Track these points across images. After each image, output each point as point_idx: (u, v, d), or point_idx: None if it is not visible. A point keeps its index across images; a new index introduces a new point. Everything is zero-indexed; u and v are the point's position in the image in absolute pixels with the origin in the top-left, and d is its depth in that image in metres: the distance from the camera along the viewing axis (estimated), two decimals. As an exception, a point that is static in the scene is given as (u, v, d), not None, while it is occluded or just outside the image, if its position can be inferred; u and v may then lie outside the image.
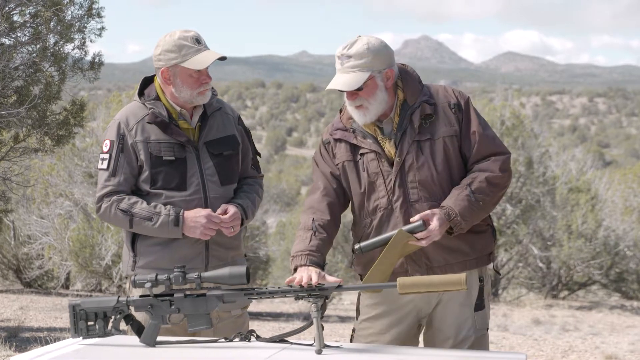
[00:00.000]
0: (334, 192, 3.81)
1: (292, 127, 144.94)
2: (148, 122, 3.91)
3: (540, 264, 19.41)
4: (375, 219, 3.75)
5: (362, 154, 3.75)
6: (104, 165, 3.92)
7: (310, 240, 3.66)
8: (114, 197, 3.88)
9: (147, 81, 4.04)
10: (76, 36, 7.49)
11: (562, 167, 20.14)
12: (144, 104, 3.95)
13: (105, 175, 3.91)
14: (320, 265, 3.60)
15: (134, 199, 3.88)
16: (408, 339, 3.82)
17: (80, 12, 7.52)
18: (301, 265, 3.56)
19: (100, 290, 17.02)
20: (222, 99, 4.14)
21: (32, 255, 16.77)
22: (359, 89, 3.66)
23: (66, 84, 7.63)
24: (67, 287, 18.07)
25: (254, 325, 13.14)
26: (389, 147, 3.72)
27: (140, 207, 3.85)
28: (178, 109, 3.96)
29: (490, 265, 3.89)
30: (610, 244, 19.59)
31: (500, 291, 19.36)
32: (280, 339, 3.37)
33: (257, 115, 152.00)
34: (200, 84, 3.91)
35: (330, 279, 3.43)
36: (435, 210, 3.59)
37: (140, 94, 4.00)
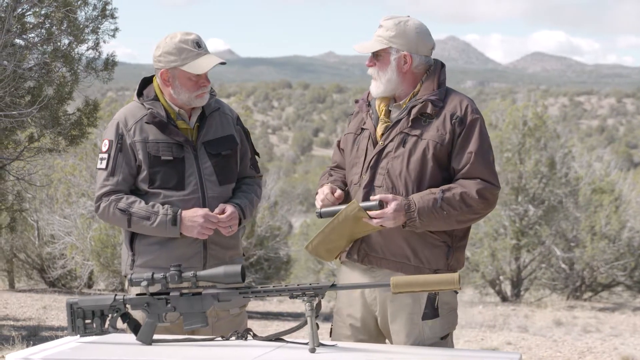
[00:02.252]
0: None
1: (319, 128, 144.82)
2: (146, 122, 3.94)
3: (563, 265, 19.32)
4: (349, 193, 3.85)
5: (362, 129, 3.85)
6: (103, 165, 3.95)
7: (328, 178, 3.92)
8: (113, 197, 3.91)
9: (147, 81, 4.07)
10: (90, 37, 7.56)
11: (586, 168, 20.05)
12: (143, 104, 3.98)
13: (104, 175, 3.95)
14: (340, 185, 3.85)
15: (132, 198, 3.91)
16: (372, 338, 3.82)
17: (95, 13, 7.58)
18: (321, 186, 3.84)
19: (122, 290, 17.12)
20: (221, 100, 4.17)
21: (56, 255, 16.88)
22: (376, 57, 3.78)
23: (80, 84, 7.70)
24: (90, 287, 18.18)
25: (273, 325, 13.18)
26: (380, 130, 3.79)
27: (139, 206, 3.88)
28: (176, 109, 3.99)
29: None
30: (634, 245, 19.48)
31: (522, 292, 19.29)
32: (277, 338, 3.38)
33: (283, 116, 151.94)
34: (198, 87, 3.94)
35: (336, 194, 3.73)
36: (397, 196, 3.62)
37: (139, 94, 4.03)
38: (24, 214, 17.12)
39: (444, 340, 3.75)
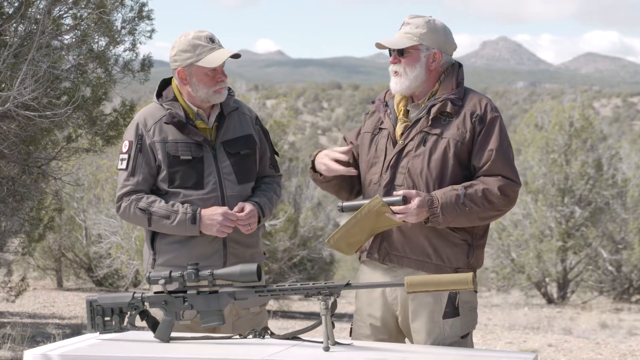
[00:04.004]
0: (353, 158, 3.97)
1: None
2: (165, 123, 3.99)
3: (610, 267, 19.12)
4: (367, 193, 3.85)
5: (380, 129, 3.87)
6: (123, 166, 4.01)
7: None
8: (133, 197, 3.97)
9: (166, 83, 4.12)
10: (127, 38, 7.68)
11: (635, 170, 19.83)
12: (162, 105, 4.03)
13: (125, 175, 4.01)
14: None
15: (152, 197, 3.96)
16: (392, 338, 3.83)
17: (131, 14, 7.71)
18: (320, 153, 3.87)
19: (167, 289, 17.22)
20: (239, 100, 4.21)
21: (102, 254, 17.08)
22: (402, 54, 3.79)
23: (117, 85, 7.83)
24: (136, 285, 18.37)
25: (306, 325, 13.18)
26: (399, 129, 3.81)
27: (158, 205, 3.92)
28: (195, 109, 4.03)
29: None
30: (683, 247, 19.18)
31: (568, 294, 19.12)
32: (293, 336, 3.40)
33: (333, 117, 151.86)
34: (216, 82, 3.98)
35: (341, 150, 3.78)
36: (421, 192, 3.64)
37: (159, 95, 4.08)
38: (72, 214, 17.38)
39: (464, 339, 3.76)
